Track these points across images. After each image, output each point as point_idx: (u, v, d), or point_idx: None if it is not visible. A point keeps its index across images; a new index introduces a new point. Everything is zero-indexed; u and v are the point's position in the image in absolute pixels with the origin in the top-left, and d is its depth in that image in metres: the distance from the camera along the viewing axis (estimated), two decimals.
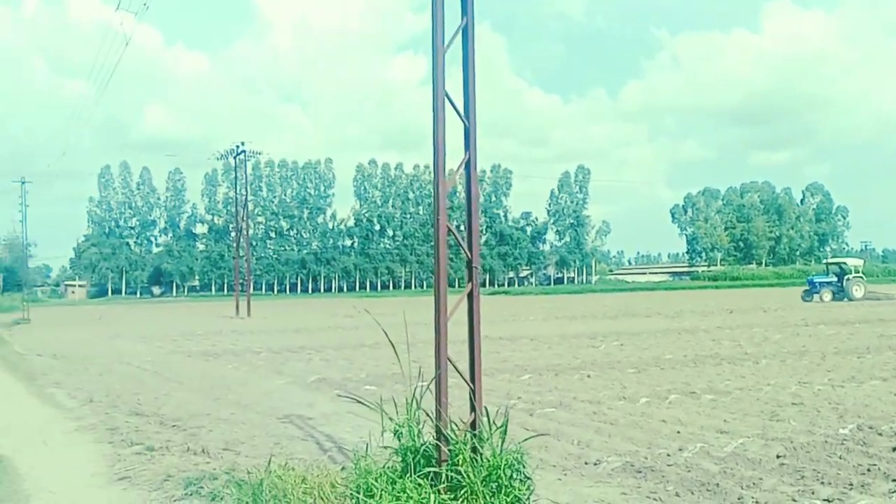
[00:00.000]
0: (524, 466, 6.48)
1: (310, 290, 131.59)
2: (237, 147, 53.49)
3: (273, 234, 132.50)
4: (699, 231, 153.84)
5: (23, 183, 57.95)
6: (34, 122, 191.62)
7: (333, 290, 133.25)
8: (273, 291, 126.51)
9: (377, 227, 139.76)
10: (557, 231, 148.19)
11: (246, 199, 55.78)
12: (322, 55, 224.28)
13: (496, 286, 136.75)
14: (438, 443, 6.52)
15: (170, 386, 16.22)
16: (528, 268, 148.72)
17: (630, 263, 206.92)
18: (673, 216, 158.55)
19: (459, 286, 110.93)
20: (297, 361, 20.81)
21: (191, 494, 7.42)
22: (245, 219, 55.00)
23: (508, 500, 6.22)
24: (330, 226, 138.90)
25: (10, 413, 13.34)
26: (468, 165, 7.02)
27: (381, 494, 6.06)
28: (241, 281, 60.94)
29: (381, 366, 19.20)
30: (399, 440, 6.62)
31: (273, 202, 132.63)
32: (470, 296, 6.90)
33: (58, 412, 13.12)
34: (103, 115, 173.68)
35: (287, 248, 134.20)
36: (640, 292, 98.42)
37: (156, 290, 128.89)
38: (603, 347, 22.81)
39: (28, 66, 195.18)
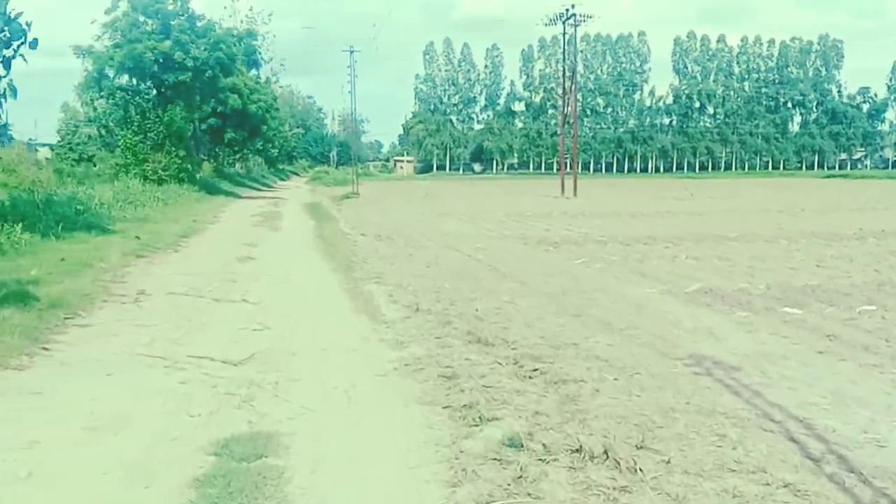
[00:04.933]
0: None
1: (625, 170, 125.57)
2: (566, 11, 48.34)
3: (589, 112, 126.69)
4: None
5: (351, 52, 57.12)
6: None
7: (650, 170, 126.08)
8: (589, 171, 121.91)
9: (696, 105, 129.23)
10: None
11: (574, 68, 50.71)
12: None
13: (825, 168, 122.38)
14: None
15: (510, 287, 12.26)
16: (862, 149, 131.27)
17: None
18: None
19: (785, 168, 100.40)
20: (657, 259, 16.03)
21: None
22: (574, 90, 50.14)
23: None
24: (647, 103, 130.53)
25: (313, 323, 9.93)
26: None
27: None
28: (566, 159, 56.74)
29: (778, 271, 14.04)
30: None
31: (589, 79, 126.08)
32: None
33: (373, 328, 9.45)
34: None
35: (603, 126, 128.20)
36: None
37: (476, 167, 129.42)
38: None
39: None
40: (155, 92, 41.46)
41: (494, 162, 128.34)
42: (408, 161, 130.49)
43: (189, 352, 8.08)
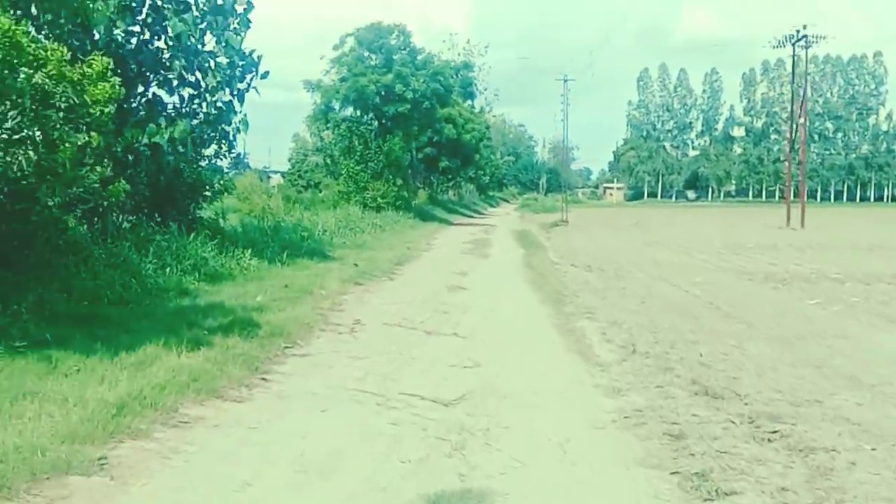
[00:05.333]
0: None
1: (857, 199, 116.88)
2: (797, 32, 45.56)
3: (816, 137, 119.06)
4: None
5: (565, 80, 57.13)
6: (574, 29, 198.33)
7: (885, 198, 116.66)
8: (815, 199, 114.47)
9: None
10: None
11: (804, 90, 47.68)
12: None
13: None
14: None
15: (736, 329, 11.29)
16: None
17: None
18: None
19: None
20: None
21: None
22: (802, 113, 47.09)
23: None
24: (883, 127, 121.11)
25: (524, 362, 9.52)
26: None
27: None
28: (791, 186, 53.30)
29: None
30: None
31: (817, 102, 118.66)
32: None
33: (587, 370, 8.92)
34: (642, 17, 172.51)
35: (832, 151, 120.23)
36: None
37: (690, 194, 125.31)
38: None
39: None
40: (376, 123, 43.11)
41: (710, 189, 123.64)
42: (617, 188, 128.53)
43: (400, 388, 7.93)
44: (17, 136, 9.66)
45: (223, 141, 15.84)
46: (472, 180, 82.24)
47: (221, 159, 16.93)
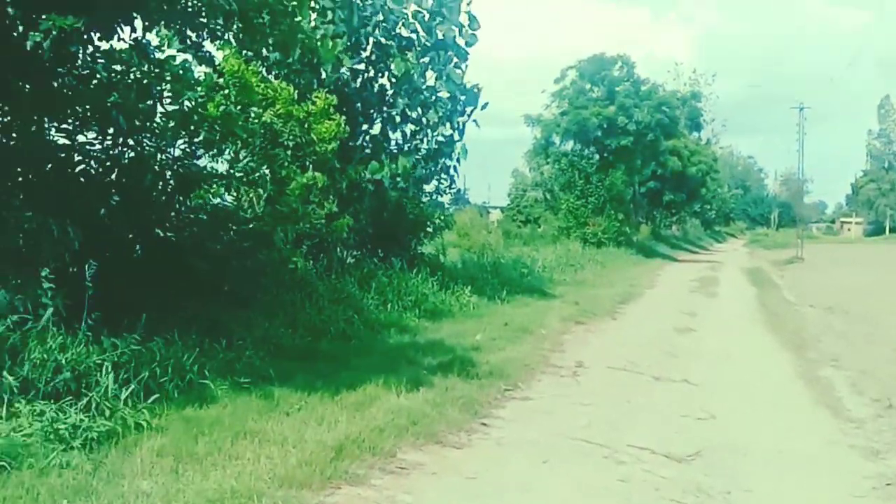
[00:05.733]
0: None
1: None
2: None
3: None
4: None
5: (801, 109, 53.60)
6: (806, 56, 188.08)
7: None
8: None
9: None
10: None
11: None
12: None
13: None
14: None
15: None
16: None
17: None
18: None
19: None
20: None
21: None
22: None
23: None
24: None
25: (766, 415, 8.52)
26: None
27: None
28: None
29: None
30: None
31: None
32: None
33: (838, 427, 7.81)
34: (883, 44, 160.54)
35: None
36: None
37: None
38: None
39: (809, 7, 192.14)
40: (597, 156, 42.35)
41: None
42: (856, 222, 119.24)
43: (628, 440, 7.24)
44: (249, 177, 9.94)
45: (444, 175, 15.83)
46: (697, 215, 79.21)
47: (442, 195, 16.94)
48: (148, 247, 8.94)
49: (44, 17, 7.24)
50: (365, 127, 14.92)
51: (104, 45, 8.34)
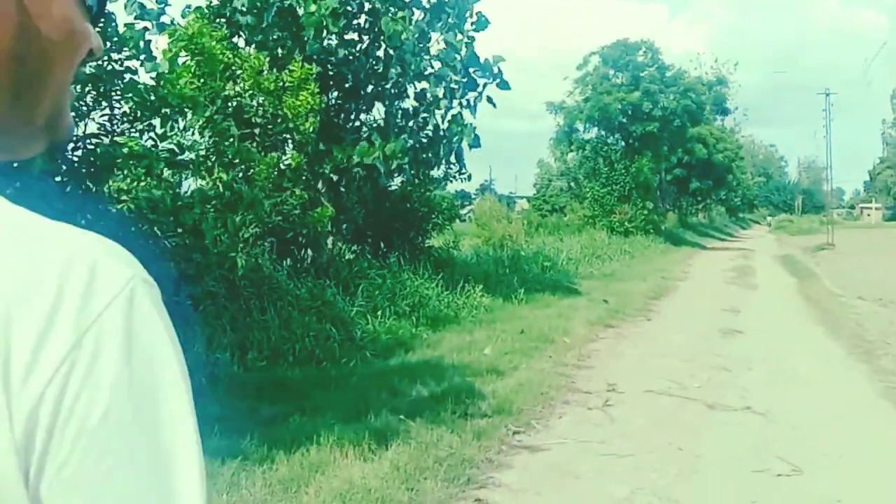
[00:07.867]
0: None
1: None
2: None
3: None
4: None
5: (827, 95, 50.36)
6: (821, 48, 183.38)
7: None
8: None
9: None
10: None
11: None
12: None
13: None
14: None
15: None
16: None
17: None
18: None
19: None
20: None
21: None
22: None
23: None
24: None
25: (857, 456, 5.90)
26: None
27: None
28: None
29: None
30: None
31: None
32: None
33: None
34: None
35: None
36: None
37: None
38: None
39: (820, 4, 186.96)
40: (622, 144, 39.62)
41: None
42: (875, 208, 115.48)
43: None
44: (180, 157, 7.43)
45: (450, 160, 12.93)
46: (723, 202, 76.04)
47: (451, 181, 14.16)
48: None
49: None
50: (360, 104, 12.27)
51: None
